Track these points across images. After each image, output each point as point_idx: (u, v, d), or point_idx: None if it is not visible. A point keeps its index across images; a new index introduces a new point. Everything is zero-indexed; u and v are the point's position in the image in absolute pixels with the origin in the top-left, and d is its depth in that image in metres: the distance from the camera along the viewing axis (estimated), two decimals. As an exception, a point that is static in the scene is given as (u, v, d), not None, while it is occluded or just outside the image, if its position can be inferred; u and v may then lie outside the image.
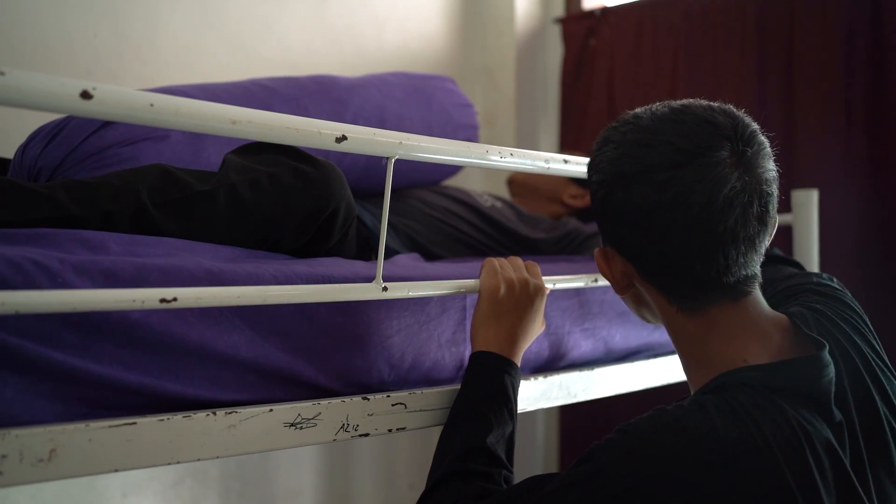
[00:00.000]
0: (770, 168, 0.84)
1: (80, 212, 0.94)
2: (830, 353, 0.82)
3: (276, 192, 1.03)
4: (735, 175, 0.80)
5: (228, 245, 1.02)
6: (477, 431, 0.93)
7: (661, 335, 1.43)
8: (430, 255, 1.53)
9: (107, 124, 1.17)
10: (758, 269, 0.85)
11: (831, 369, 0.80)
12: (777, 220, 0.86)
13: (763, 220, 0.82)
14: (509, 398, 0.98)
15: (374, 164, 1.53)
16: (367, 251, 1.31)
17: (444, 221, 1.64)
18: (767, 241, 0.85)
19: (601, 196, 0.88)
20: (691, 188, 0.80)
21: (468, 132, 1.78)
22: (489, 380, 0.99)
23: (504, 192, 2.48)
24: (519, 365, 1.03)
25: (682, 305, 0.86)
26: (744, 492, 0.72)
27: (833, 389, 0.80)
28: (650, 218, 0.82)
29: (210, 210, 1.00)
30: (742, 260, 0.82)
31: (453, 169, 1.83)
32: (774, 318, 0.86)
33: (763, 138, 0.85)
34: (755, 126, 0.86)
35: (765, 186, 0.82)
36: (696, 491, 0.72)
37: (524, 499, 0.79)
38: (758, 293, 0.86)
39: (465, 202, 1.72)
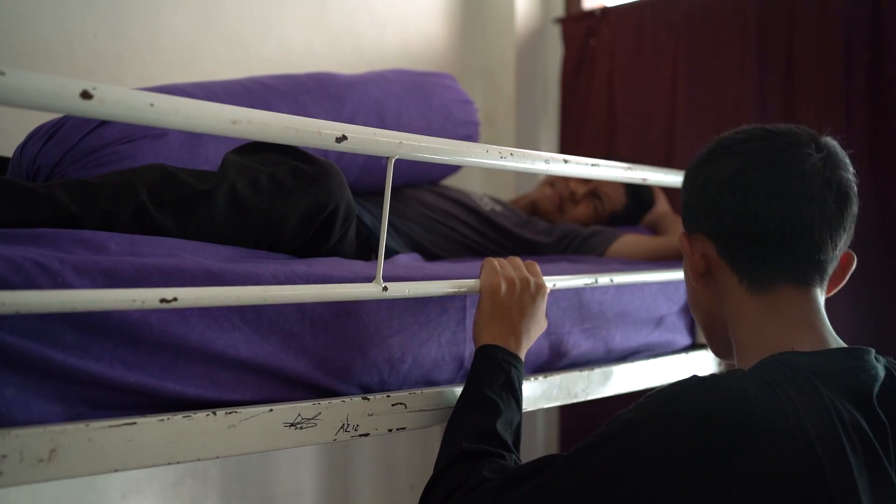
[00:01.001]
0: (849, 172, 0.90)
1: (79, 211, 0.94)
2: (888, 370, 0.82)
3: (275, 192, 1.03)
4: (818, 157, 0.87)
5: (228, 244, 1.02)
6: (488, 416, 0.94)
7: (660, 335, 1.43)
8: (430, 256, 1.53)
9: (104, 122, 1.17)
10: (828, 265, 0.88)
11: (876, 367, 0.81)
12: (853, 226, 0.89)
13: (840, 207, 0.87)
14: (516, 389, 0.99)
15: (373, 163, 1.53)
16: (366, 251, 1.31)
17: (443, 224, 1.64)
18: (842, 239, 0.88)
19: (691, 175, 0.95)
20: (777, 155, 0.87)
21: (468, 128, 1.77)
22: (497, 370, 0.99)
23: (504, 194, 2.48)
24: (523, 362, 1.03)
25: (753, 283, 0.88)
26: (769, 451, 0.71)
27: (877, 388, 0.79)
28: (735, 181, 0.88)
29: (210, 210, 1.00)
30: (817, 235, 0.86)
31: (452, 167, 1.83)
32: (834, 333, 0.88)
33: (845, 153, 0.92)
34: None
35: (844, 177, 0.88)
36: (722, 446, 0.72)
37: (546, 468, 0.79)
38: (822, 298, 0.89)
39: (465, 205, 1.72)
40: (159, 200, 0.98)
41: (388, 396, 0.99)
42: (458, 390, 1.07)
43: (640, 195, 1.93)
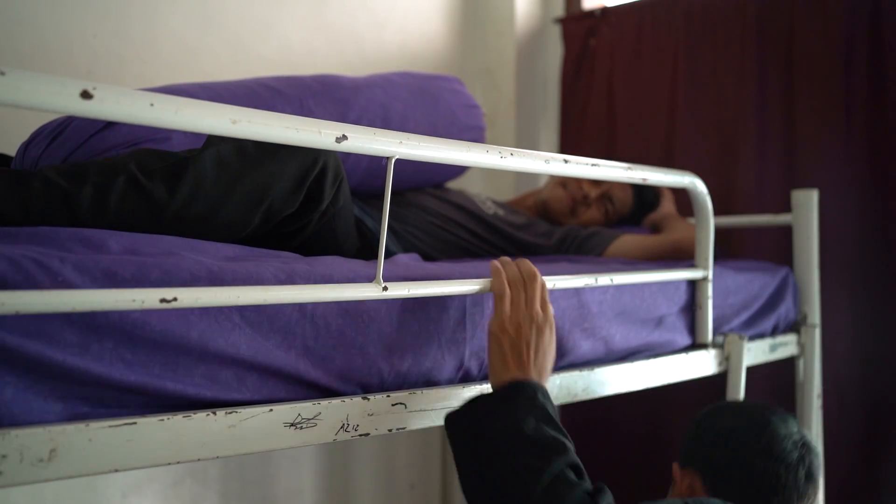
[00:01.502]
0: (819, 459, 1.19)
1: (71, 186, 0.96)
2: None
3: (262, 153, 1.05)
4: (798, 438, 1.17)
5: (222, 216, 1.03)
6: (569, 446, 0.92)
7: (660, 335, 1.43)
8: (430, 260, 1.54)
9: (108, 126, 1.17)
10: None
11: None
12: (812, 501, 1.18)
13: (806, 481, 1.15)
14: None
15: (376, 165, 1.53)
16: (369, 254, 1.32)
17: (445, 229, 1.65)
18: None
19: (696, 422, 1.24)
20: (767, 425, 1.17)
21: (474, 133, 1.77)
22: (541, 408, 0.95)
23: (504, 194, 2.48)
24: None
25: None
26: None
27: None
28: (730, 434, 1.17)
29: (198, 173, 1.01)
30: (787, 493, 1.13)
31: (458, 170, 1.83)
32: None
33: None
34: None
35: (815, 462, 1.17)
36: None
37: None
38: None
39: (467, 209, 1.72)
40: (148, 170, 1.00)
41: (388, 396, 0.99)
42: (458, 390, 1.07)
43: (644, 197, 1.95)
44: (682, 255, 1.67)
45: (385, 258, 0.95)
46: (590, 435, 2.33)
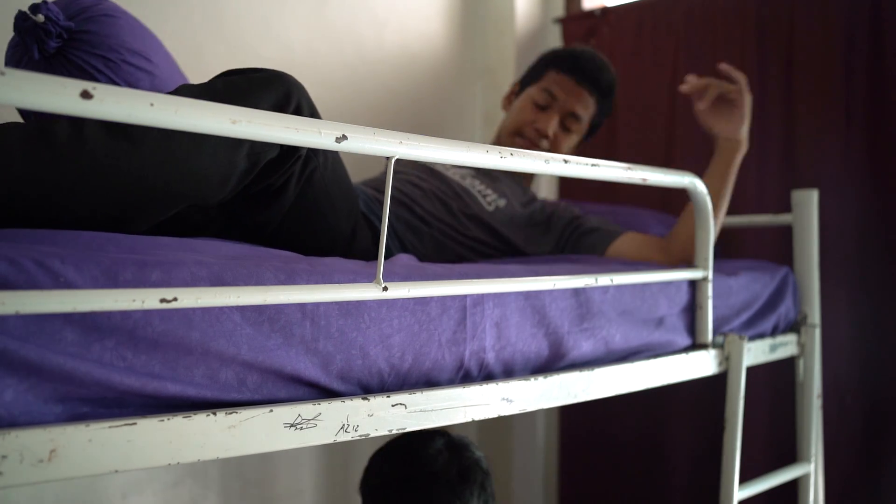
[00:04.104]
0: (475, 465, 1.53)
1: (44, 121, 0.95)
2: None
3: (234, 93, 1.05)
4: (444, 447, 1.51)
5: (207, 149, 1.01)
6: None
7: (661, 335, 1.43)
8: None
9: None
10: None
11: None
12: None
13: (461, 479, 1.48)
14: None
15: None
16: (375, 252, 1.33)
17: (455, 240, 1.65)
18: None
19: (363, 486, 1.58)
20: (414, 447, 1.53)
21: None
22: None
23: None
24: None
25: None
26: None
27: None
28: (387, 476, 1.52)
29: None
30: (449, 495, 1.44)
31: None
32: None
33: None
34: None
35: (466, 458, 1.51)
36: None
37: None
38: None
39: (475, 215, 1.70)
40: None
41: (388, 396, 0.99)
42: (459, 390, 1.07)
43: (599, 83, 1.97)
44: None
45: (385, 258, 0.95)
46: (590, 436, 2.33)
